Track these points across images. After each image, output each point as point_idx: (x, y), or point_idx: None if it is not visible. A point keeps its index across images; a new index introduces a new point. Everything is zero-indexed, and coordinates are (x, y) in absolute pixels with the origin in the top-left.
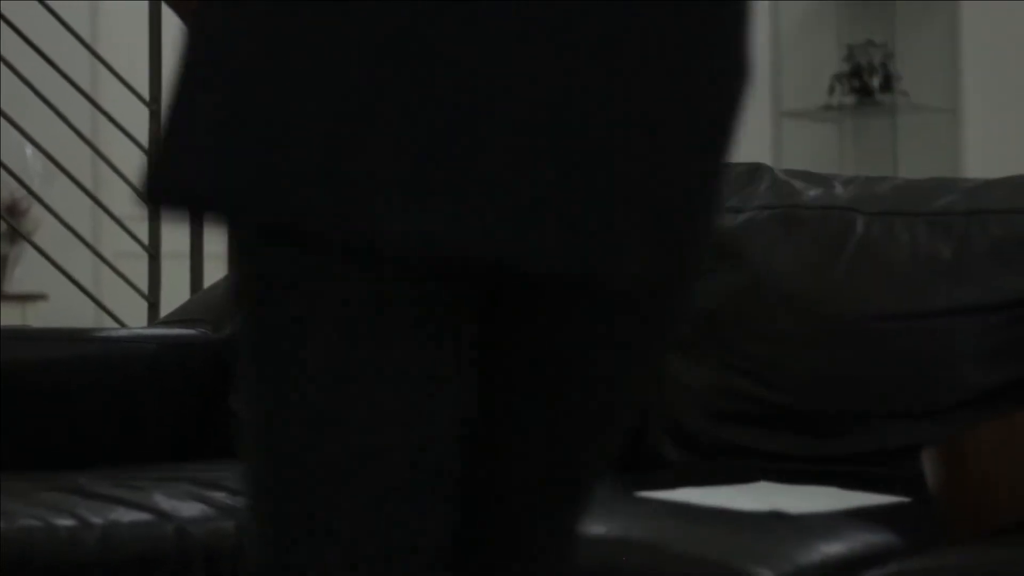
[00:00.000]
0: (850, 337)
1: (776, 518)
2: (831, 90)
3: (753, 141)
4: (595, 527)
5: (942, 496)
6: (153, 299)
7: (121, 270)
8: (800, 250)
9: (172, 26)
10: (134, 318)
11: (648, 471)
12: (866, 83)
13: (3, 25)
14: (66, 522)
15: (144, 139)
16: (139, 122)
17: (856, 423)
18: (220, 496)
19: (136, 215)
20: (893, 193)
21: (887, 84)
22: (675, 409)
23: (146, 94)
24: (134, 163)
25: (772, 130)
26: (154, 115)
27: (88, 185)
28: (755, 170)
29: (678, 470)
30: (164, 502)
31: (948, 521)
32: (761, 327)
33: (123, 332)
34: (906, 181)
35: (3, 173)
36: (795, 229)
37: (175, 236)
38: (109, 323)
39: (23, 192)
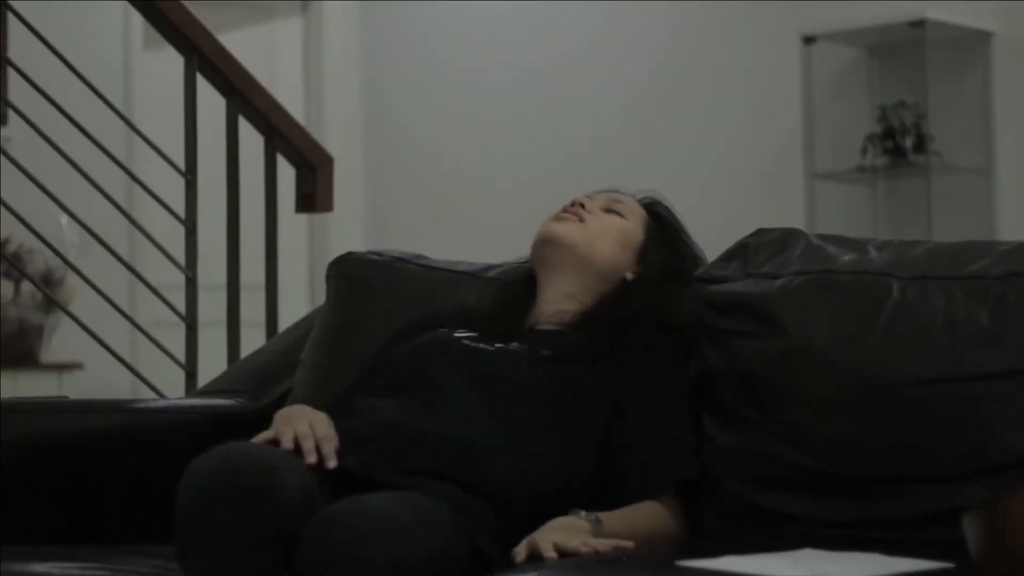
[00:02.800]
0: (887, 402)
1: None
2: (864, 151)
3: (787, 203)
4: None
5: (984, 561)
6: (190, 368)
7: (158, 339)
8: (836, 315)
9: (206, 97)
10: (171, 387)
11: (687, 538)
12: (899, 144)
13: (39, 96)
14: None
15: (180, 209)
16: (175, 192)
17: (895, 488)
18: None
19: (172, 284)
20: (927, 257)
21: (920, 145)
22: (713, 475)
23: (181, 164)
24: (170, 233)
25: (806, 192)
26: (190, 185)
27: (124, 255)
28: (788, 235)
29: (718, 537)
30: None
31: None
32: (798, 393)
33: (163, 403)
34: (940, 244)
35: (39, 243)
36: (830, 294)
37: (212, 305)
38: (146, 392)
39: (59, 262)
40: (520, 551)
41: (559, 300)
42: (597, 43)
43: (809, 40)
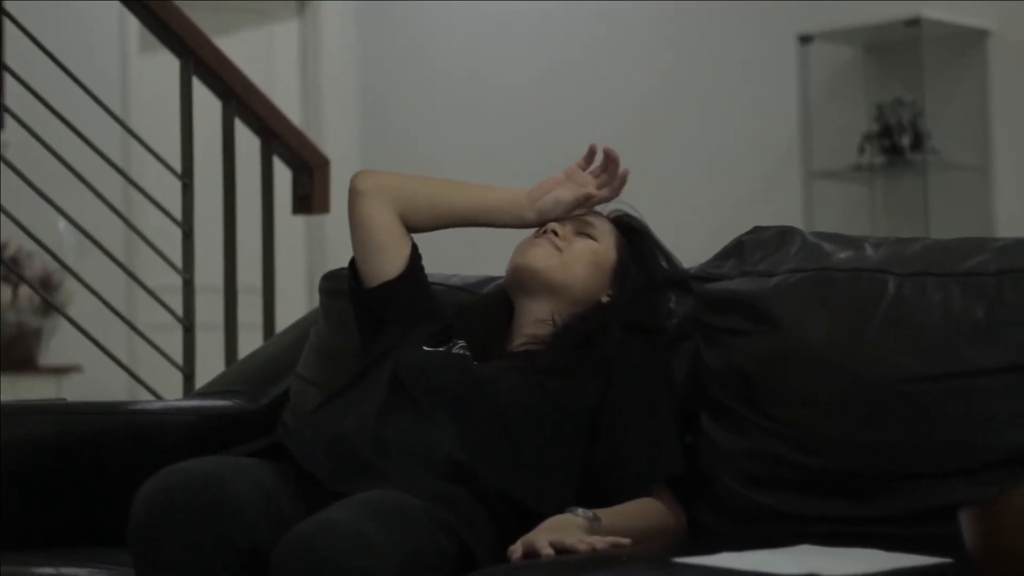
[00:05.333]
0: (884, 399)
1: None
2: (861, 150)
3: (784, 202)
4: None
5: (980, 556)
6: (188, 370)
7: (156, 342)
8: (832, 313)
9: (203, 100)
10: (169, 390)
11: (686, 533)
12: (896, 142)
13: (36, 100)
14: None
15: (177, 212)
16: (172, 195)
17: (892, 484)
18: None
19: (169, 287)
20: (924, 254)
21: (917, 143)
22: (710, 473)
23: (178, 167)
24: (167, 236)
25: (803, 191)
26: (186, 188)
27: (121, 258)
28: (784, 233)
29: (715, 535)
30: None
31: None
32: (794, 391)
33: (160, 404)
34: (936, 241)
35: (37, 247)
36: (826, 292)
37: (209, 308)
38: (144, 394)
39: (56, 265)
40: (516, 549)
41: (535, 325)
42: (595, 45)
43: (805, 39)
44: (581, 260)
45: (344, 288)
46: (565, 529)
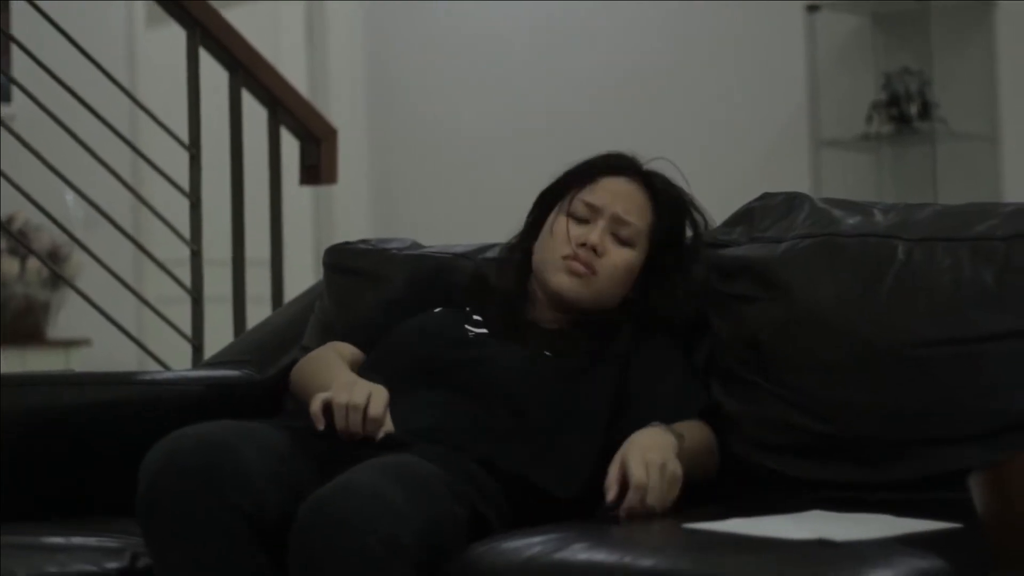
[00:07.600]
0: (893, 364)
1: (823, 546)
2: (869, 119)
3: (792, 171)
4: (643, 560)
5: (990, 521)
6: (197, 342)
7: (164, 314)
8: (841, 278)
9: (210, 72)
10: (178, 361)
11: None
12: (904, 111)
13: (43, 72)
14: (115, 564)
15: (184, 183)
16: (179, 166)
17: (901, 450)
18: None
19: (178, 259)
20: (933, 219)
21: (925, 112)
22: (721, 440)
23: (185, 138)
24: (175, 207)
25: (811, 160)
26: (194, 159)
27: (129, 230)
28: (793, 199)
29: (726, 501)
30: None
31: (997, 546)
32: (804, 356)
33: (169, 375)
34: (946, 207)
35: (45, 220)
36: (835, 257)
37: (217, 279)
38: (153, 366)
39: (65, 238)
40: (611, 480)
41: (559, 317)
42: (601, 11)
43: (813, 8)
44: (613, 278)
45: (346, 263)
46: (658, 448)
